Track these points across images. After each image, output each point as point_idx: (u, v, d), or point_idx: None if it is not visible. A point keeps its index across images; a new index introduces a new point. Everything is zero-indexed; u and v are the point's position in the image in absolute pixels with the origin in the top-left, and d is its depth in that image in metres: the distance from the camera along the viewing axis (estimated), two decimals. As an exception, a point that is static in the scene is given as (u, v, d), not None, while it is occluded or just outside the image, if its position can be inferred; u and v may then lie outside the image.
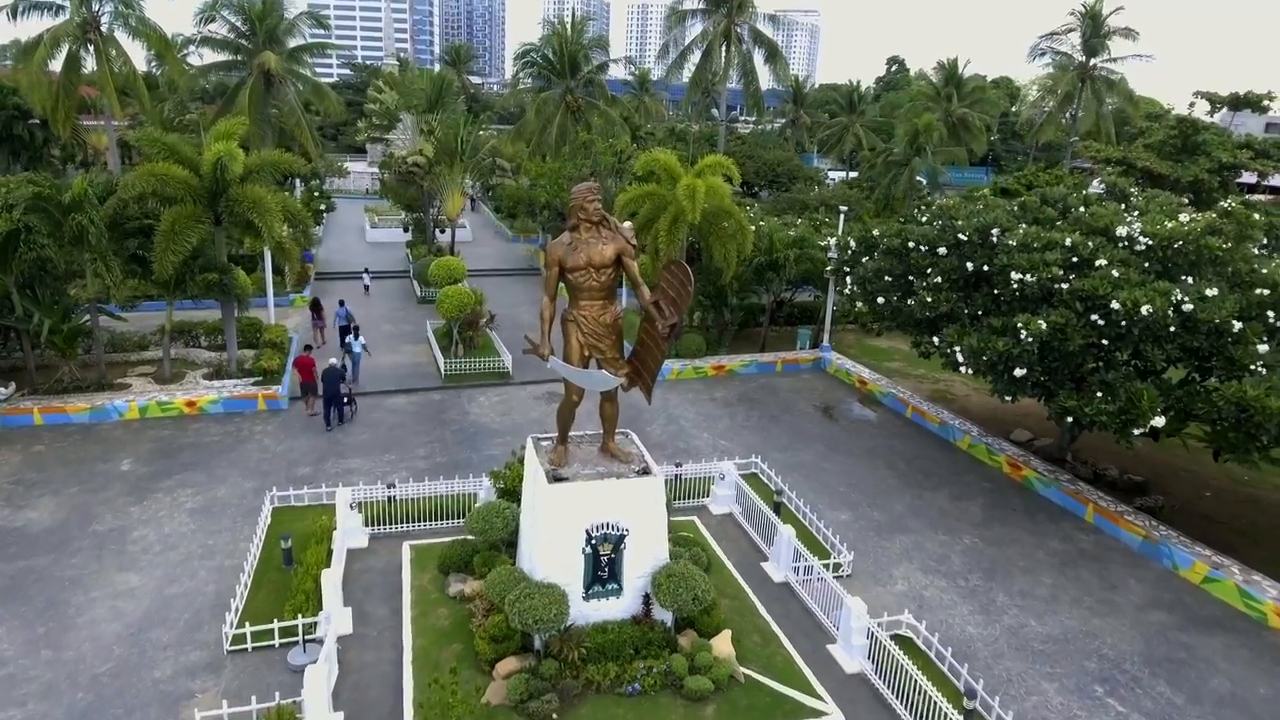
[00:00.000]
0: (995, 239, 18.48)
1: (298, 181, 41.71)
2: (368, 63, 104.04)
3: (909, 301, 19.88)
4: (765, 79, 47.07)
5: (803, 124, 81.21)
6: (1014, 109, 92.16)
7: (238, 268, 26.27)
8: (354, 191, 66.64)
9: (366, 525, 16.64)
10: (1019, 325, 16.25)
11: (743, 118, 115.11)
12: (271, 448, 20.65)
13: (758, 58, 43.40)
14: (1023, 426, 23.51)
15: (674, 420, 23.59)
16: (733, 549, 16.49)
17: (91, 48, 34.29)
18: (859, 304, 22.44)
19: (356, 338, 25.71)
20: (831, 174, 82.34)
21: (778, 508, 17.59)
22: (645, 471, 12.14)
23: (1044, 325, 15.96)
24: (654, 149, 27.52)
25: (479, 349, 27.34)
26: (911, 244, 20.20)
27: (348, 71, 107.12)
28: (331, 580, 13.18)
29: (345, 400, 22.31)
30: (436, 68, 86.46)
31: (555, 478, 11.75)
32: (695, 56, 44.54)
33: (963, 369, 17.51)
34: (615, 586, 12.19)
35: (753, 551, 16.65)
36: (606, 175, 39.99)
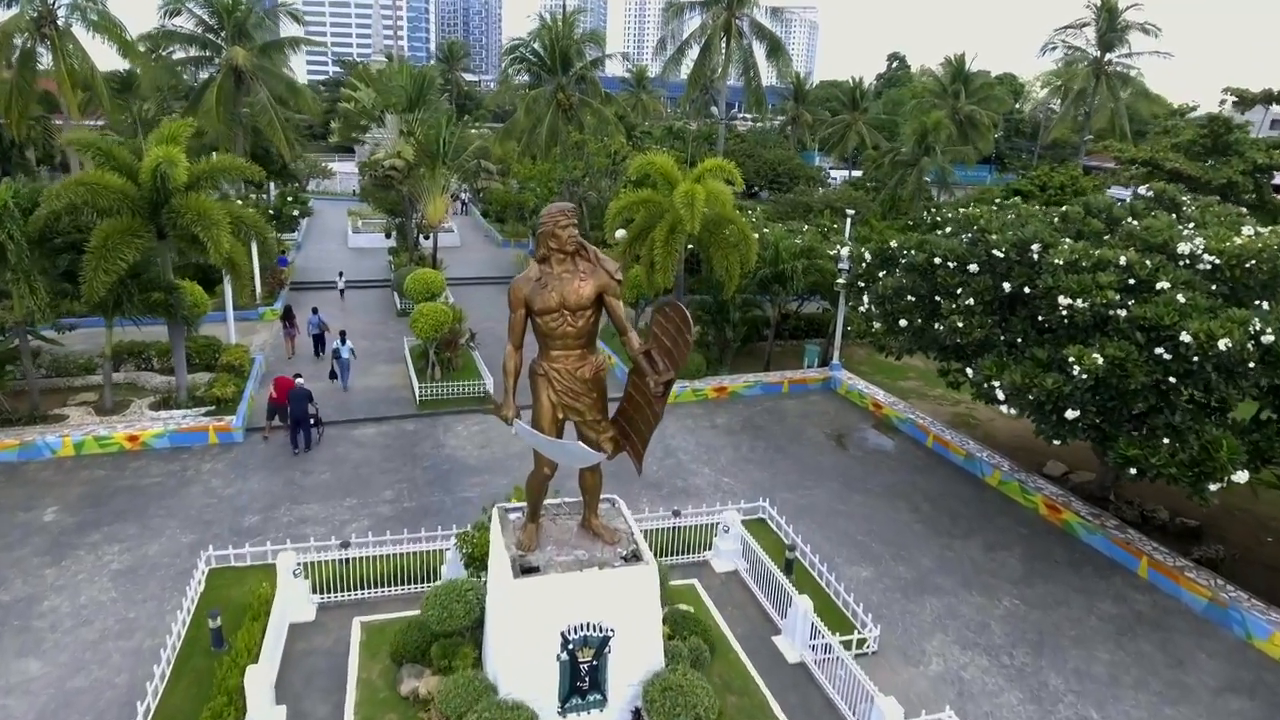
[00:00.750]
0: (1036, 255, 16.21)
1: (271, 185, 39.37)
2: (359, 61, 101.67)
3: (935, 325, 17.61)
4: (766, 75, 44.86)
5: (804, 122, 78.85)
6: (1017, 106, 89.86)
7: (193, 283, 23.99)
8: (340, 193, 64.19)
9: (315, 592, 14.38)
10: (1070, 359, 13.98)
11: (741, 115, 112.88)
12: (219, 491, 18.36)
13: (759, 52, 41.06)
14: (1056, 458, 21.26)
15: (671, 452, 21.33)
16: (739, 619, 14.22)
17: (48, 43, 31.99)
18: (875, 324, 20.15)
19: (344, 343, 24.96)
20: (834, 173, 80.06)
21: (789, 565, 15.35)
22: (635, 556, 9.87)
23: (1100, 360, 13.70)
24: (650, 149, 25.24)
25: (458, 370, 25.04)
26: (938, 260, 17.93)
27: (340, 69, 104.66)
28: (257, 681, 10.90)
29: (313, 422, 20.55)
30: (433, 65, 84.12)
31: (524, 568, 9.49)
32: (694, 52, 42.25)
33: (1004, 408, 15.23)
34: (598, 698, 9.94)
35: (762, 621, 14.38)
36: (600, 177, 37.76)
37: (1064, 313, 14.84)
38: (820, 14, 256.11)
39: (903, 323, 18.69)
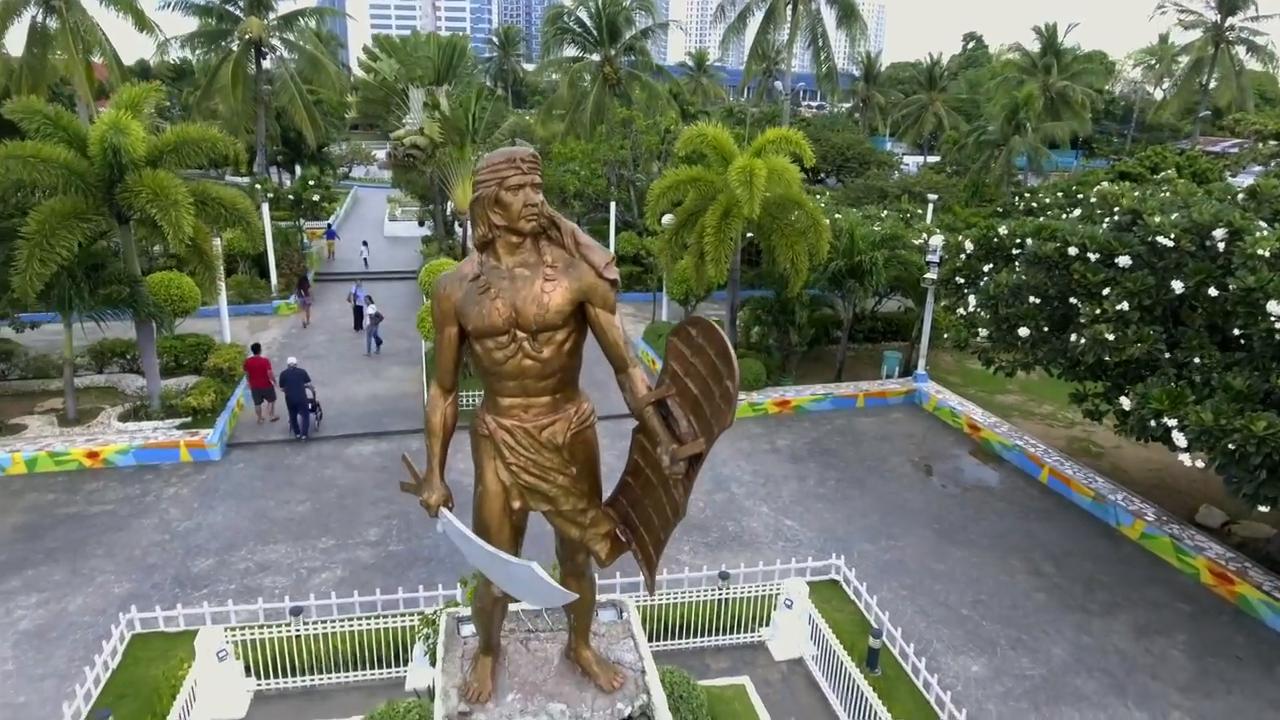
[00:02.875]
0: (1222, 245, 11.89)
1: (296, 167, 36.81)
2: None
3: (1071, 335, 13.39)
4: (837, 51, 40.39)
5: (875, 104, 73.51)
6: (1107, 87, 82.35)
7: (180, 274, 21.21)
8: (383, 180, 61.97)
9: (251, 675, 11.14)
10: (1292, 391, 9.74)
11: (807, 103, 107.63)
12: (175, 524, 15.34)
13: (828, 19, 36.63)
14: (1209, 500, 16.75)
15: (722, 484, 17.54)
16: (806, 740, 10.44)
17: (56, 15, 29.76)
18: (982, 332, 15.94)
19: (369, 305, 26.46)
20: (907, 159, 74.46)
21: (874, 657, 11.46)
22: (645, 717, 6.18)
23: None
24: (702, 124, 21.38)
25: (474, 377, 21.65)
26: (1072, 250, 13.68)
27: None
28: None
29: (310, 406, 19.15)
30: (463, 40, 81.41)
31: (464, 734, 5.90)
32: (757, 21, 38.07)
33: (1184, 457, 11.01)
34: None
35: (838, 741, 10.56)
36: (649, 159, 34.03)
37: (1276, 323, 10.54)
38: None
39: (1022, 331, 14.48)
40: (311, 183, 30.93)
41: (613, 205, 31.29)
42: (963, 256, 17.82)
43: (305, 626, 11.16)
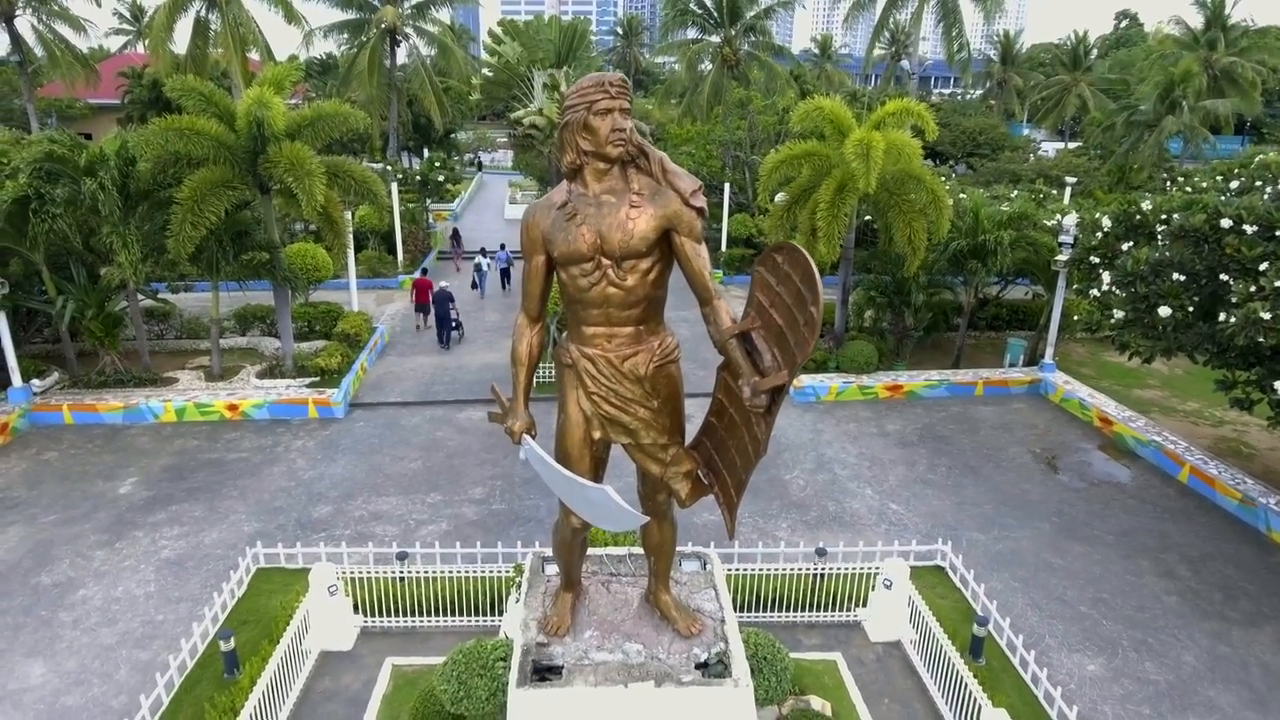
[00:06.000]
0: None
1: (425, 152, 38.45)
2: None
3: (1220, 318, 12.18)
4: (974, 28, 38.31)
5: (1012, 86, 69.32)
6: (1280, 64, 74.24)
7: (315, 244, 22.65)
8: (507, 167, 63.99)
9: (359, 612, 11.78)
10: None
11: (939, 89, 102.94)
12: (300, 473, 16.42)
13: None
14: (1384, 511, 14.88)
15: (825, 465, 17.10)
16: (899, 720, 10.03)
17: (217, 12, 32.29)
18: (1118, 313, 14.73)
19: (485, 256, 29.92)
20: (1046, 145, 69.87)
21: (977, 645, 10.87)
22: (721, 664, 6.09)
23: None
24: (820, 98, 20.77)
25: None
26: (1225, 223, 12.44)
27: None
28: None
29: (454, 325, 23.66)
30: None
31: (537, 668, 5.99)
32: (883, -1, 36.62)
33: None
34: None
35: (933, 725, 10.09)
36: (767, 141, 33.47)
37: None
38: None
39: (1163, 311, 13.30)
40: (437, 164, 32.32)
41: (726, 187, 30.99)
42: (1099, 235, 16.54)
43: (409, 571, 11.70)
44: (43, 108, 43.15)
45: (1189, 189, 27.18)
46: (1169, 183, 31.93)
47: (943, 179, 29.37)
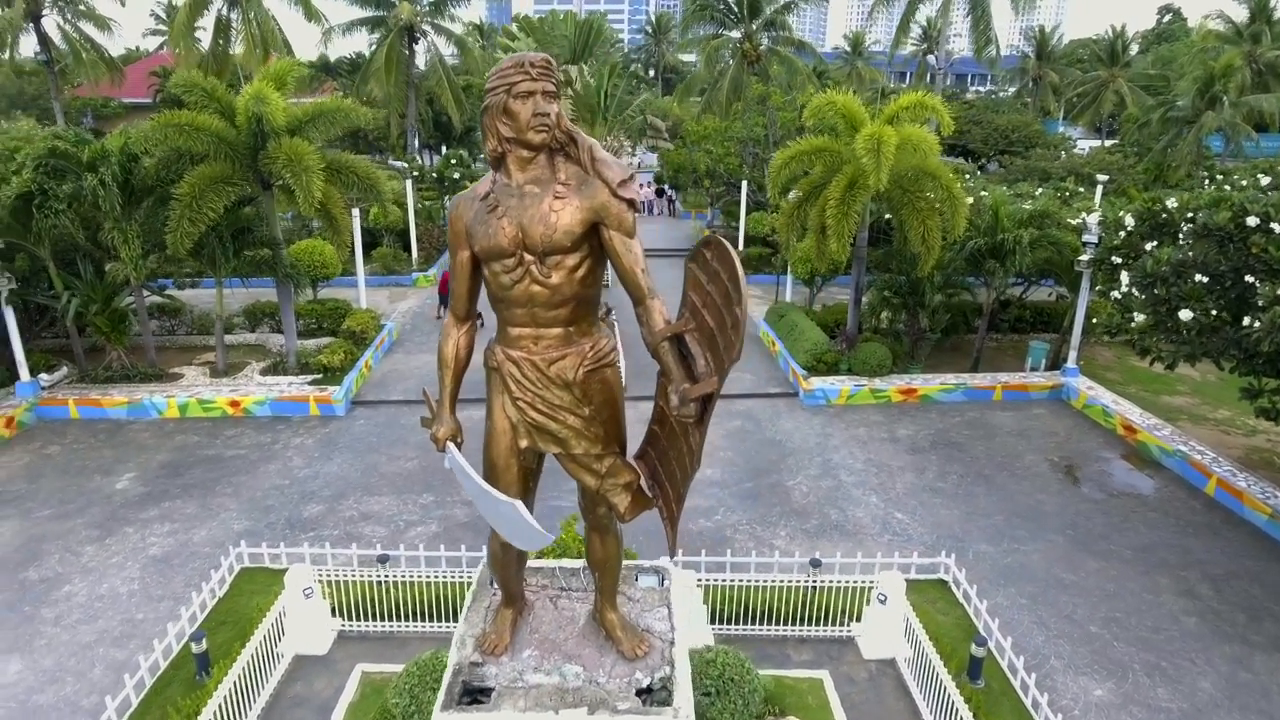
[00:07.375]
0: None
1: (444, 149, 38.42)
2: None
3: (1244, 321, 11.46)
4: (1010, 23, 37.26)
5: (1047, 82, 67.54)
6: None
7: (321, 241, 22.60)
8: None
9: (337, 615, 11.54)
10: None
11: (975, 87, 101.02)
12: (296, 471, 16.28)
13: (992, -15, 33.81)
14: None
15: (830, 471, 16.54)
16: (887, 747, 9.51)
17: (237, 10, 32.52)
18: (1138, 315, 13.99)
19: None
20: (1081, 143, 68.01)
21: (976, 667, 10.30)
22: (664, 694, 5.66)
23: None
24: (832, 92, 20.16)
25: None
26: (1252, 221, 11.70)
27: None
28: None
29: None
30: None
31: (467, 689, 5.63)
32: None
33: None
34: None
35: (924, 753, 9.55)
36: (785, 138, 32.83)
37: None
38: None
39: (1185, 314, 12.56)
40: (454, 161, 32.24)
41: (744, 184, 30.45)
42: (1122, 233, 15.79)
43: (390, 574, 11.43)
44: (78, 107, 43.97)
45: (1227, 186, 26.18)
46: (1207, 181, 30.76)
47: (965, 175, 28.59)
